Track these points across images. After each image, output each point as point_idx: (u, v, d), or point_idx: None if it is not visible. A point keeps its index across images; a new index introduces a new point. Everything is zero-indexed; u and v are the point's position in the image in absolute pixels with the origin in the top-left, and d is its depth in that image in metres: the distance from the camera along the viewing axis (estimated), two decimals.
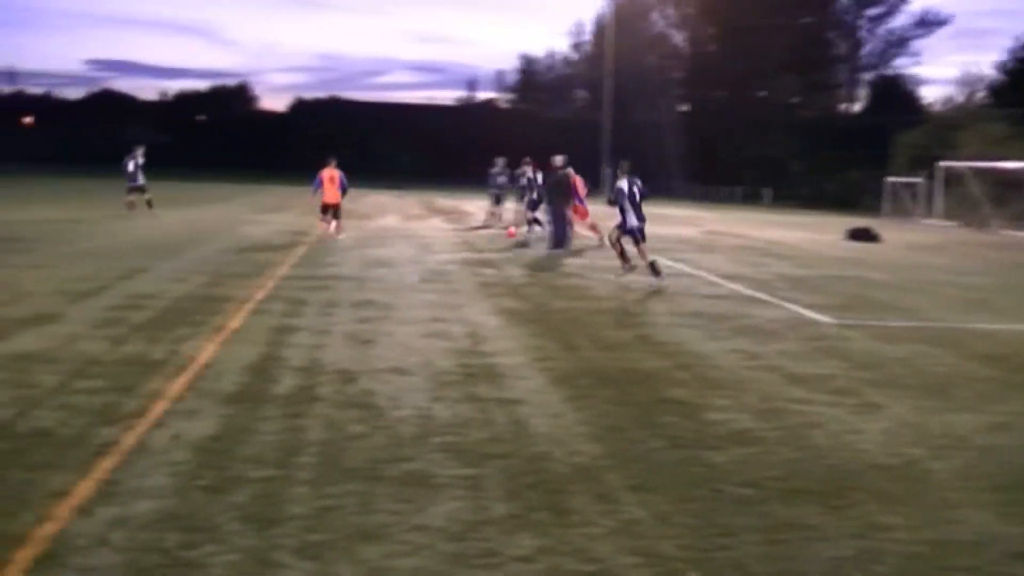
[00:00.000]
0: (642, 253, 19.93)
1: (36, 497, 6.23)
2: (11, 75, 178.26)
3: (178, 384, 9.46)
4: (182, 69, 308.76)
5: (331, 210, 28.87)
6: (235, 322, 13.07)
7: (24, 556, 5.37)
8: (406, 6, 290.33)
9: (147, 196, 35.33)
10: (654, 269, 19.50)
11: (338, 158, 29.11)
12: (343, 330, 12.86)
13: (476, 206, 36.82)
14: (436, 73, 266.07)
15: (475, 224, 36.17)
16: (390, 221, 36.94)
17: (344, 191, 28.87)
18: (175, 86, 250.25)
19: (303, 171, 41.94)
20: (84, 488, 6.43)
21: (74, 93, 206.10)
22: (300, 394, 9.28)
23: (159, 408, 8.56)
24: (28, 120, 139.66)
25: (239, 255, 22.31)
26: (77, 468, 6.83)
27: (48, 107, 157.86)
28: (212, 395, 9.10)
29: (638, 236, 19.89)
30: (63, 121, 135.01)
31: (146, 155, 36.56)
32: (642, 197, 20.20)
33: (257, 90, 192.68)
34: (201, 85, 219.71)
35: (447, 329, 13.26)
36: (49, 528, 5.75)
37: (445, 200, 58.20)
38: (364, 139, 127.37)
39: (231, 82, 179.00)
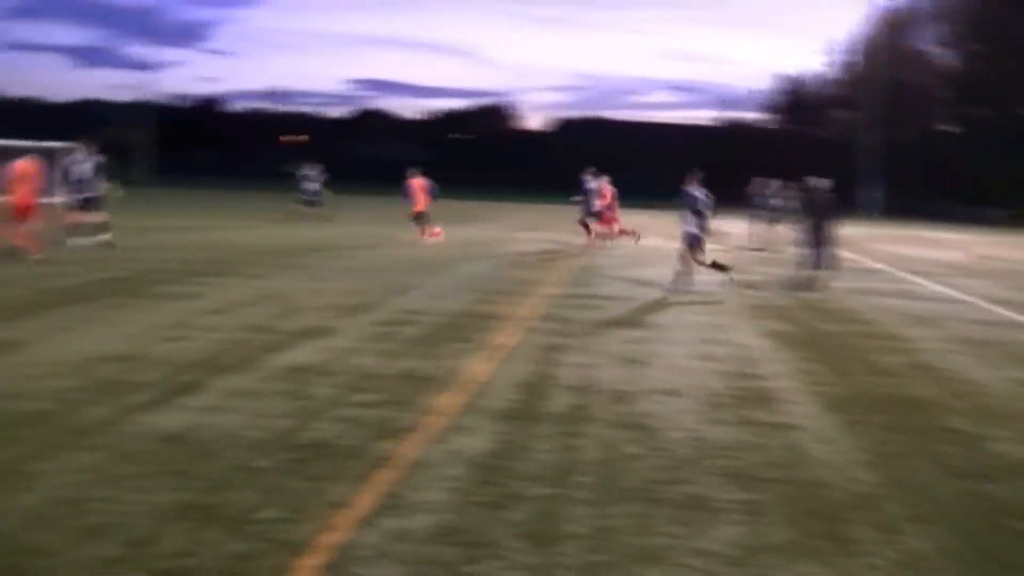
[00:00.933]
0: (686, 260, 20.24)
1: (318, 507, 6.43)
2: (279, 95, 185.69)
3: (452, 400, 9.63)
4: (443, 88, 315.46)
5: (422, 216, 31.79)
6: (505, 339, 13.25)
7: (307, 565, 5.55)
8: (664, 25, 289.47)
9: (314, 211, 38.31)
10: (684, 282, 19.88)
11: (422, 170, 32.74)
12: (613, 350, 12.89)
13: (736, 227, 36.28)
14: (693, 92, 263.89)
15: (737, 245, 35.70)
16: (652, 241, 36.78)
17: (434, 198, 32.17)
18: (436, 105, 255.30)
19: (564, 190, 42.15)
20: (365, 500, 6.61)
21: (338, 112, 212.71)
22: (573, 413, 9.34)
23: (434, 423, 8.73)
24: (296, 138, 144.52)
25: (505, 273, 22.61)
26: (357, 480, 7.03)
27: (313, 126, 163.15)
28: (486, 412, 9.23)
29: (695, 244, 20.24)
30: (327, 140, 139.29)
31: (324, 172, 40.14)
32: (708, 208, 20.46)
33: (517, 109, 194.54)
34: (462, 104, 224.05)
35: (717, 351, 13.16)
36: (332, 538, 5.92)
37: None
38: (622, 158, 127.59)
39: (491, 101, 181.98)
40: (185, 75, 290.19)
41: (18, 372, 9.99)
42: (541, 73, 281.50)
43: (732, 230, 36.18)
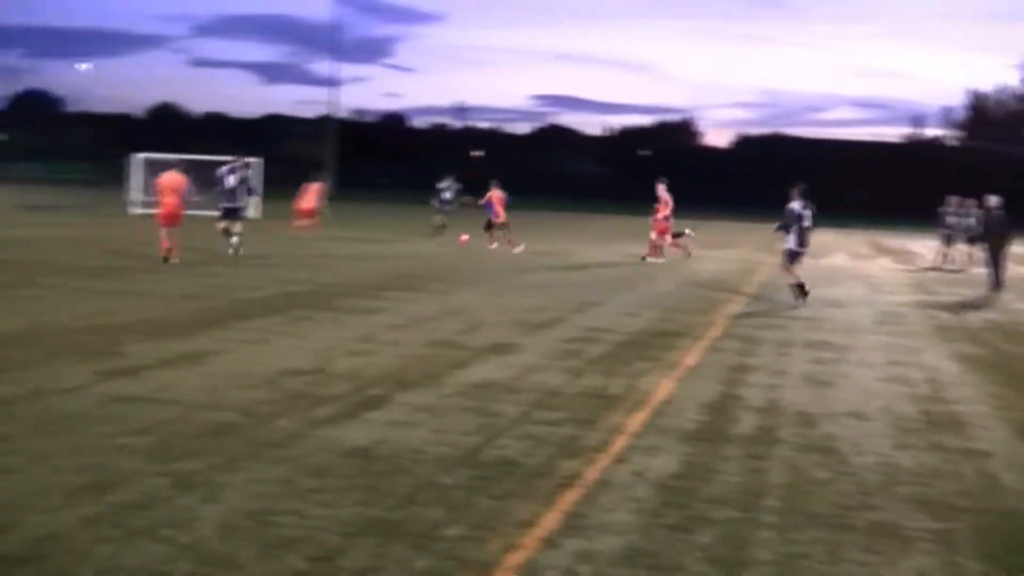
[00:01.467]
0: (790, 275, 20.80)
1: (503, 525, 6.41)
2: (461, 111, 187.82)
3: (637, 419, 9.56)
4: (625, 105, 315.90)
5: (504, 227, 33.63)
6: (690, 358, 13.14)
7: None
8: (849, 40, 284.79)
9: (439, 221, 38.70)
10: (802, 291, 20.30)
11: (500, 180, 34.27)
12: (800, 371, 12.69)
13: (924, 246, 35.53)
14: (880, 109, 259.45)
15: (924, 265, 34.91)
16: (838, 260, 36.19)
17: (506, 207, 34.05)
18: (618, 121, 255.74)
19: (748, 207, 41.84)
20: (550, 519, 6.57)
21: (520, 128, 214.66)
22: (760, 435, 9.20)
23: (620, 443, 8.67)
24: (477, 153, 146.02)
25: (690, 290, 22.45)
26: (542, 499, 6.99)
27: (496, 141, 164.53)
28: (672, 432, 9.15)
29: (793, 260, 20.65)
30: (510, 154, 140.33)
31: (457, 181, 40.21)
32: (811, 224, 20.60)
33: (700, 126, 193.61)
34: (644, 120, 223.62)
35: (905, 373, 12.85)
36: (517, 557, 5.89)
37: (891, 239, 56.51)
38: (807, 176, 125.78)
39: (674, 118, 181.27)
40: (369, 91, 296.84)
41: (208, 383, 10.22)
42: (723, 89, 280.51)
43: (919, 249, 35.44)
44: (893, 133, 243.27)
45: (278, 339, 13.19)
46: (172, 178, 24.06)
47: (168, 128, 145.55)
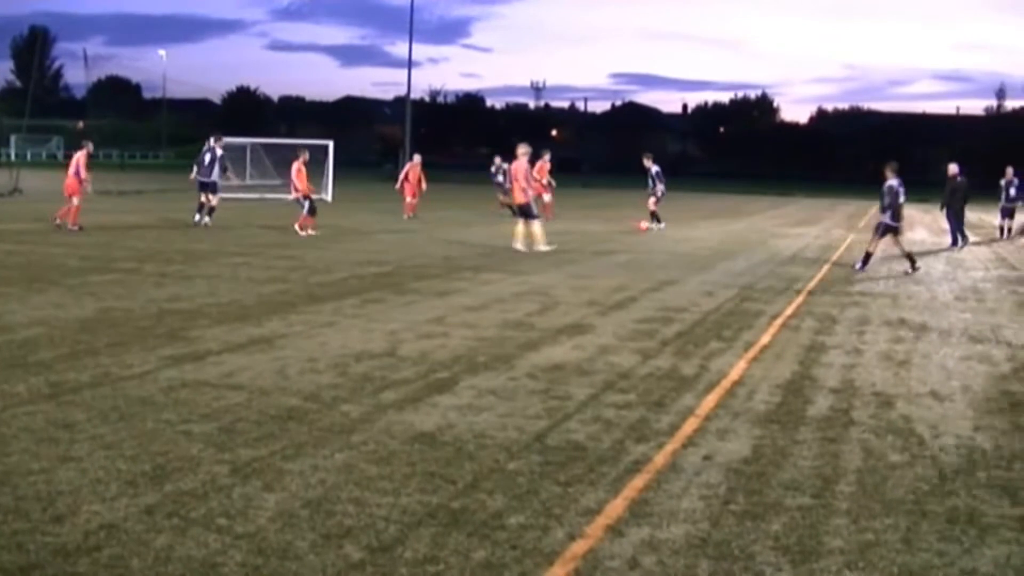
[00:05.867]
0: (877, 246, 22.72)
1: (568, 513, 6.26)
2: (538, 90, 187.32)
3: (709, 401, 9.39)
4: (704, 81, 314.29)
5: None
6: (765, 338, 12.92)
7: (554, 574, 5.40)
8: (932, 12, 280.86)
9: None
10: (912, 262, 22.12)
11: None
12: (877, 350, 12.42)
13: (1008, 221, 34.96)
14: (964, 82, 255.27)
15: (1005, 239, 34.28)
16: (919, 235, 35.63)
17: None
18: (697, 98, 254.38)
19: (829, 183, 41.30)
20: (615, 507, 6.41)
21: (599, 106, 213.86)
22: (835, 417, 8.98)
23: (690, 426, 8.50)
24: (554, 133, 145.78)
25: (768, 268, 22.15)
26: (609, 485, 6.84)
27: (575, 120, 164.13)
28: (744, 414, 8.96)
29: (888, 233, 22.36)
30: (589, 134, 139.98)
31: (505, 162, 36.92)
32: (904, 198, 22.41)
33: (780, 101, 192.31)
34: (723, 97, 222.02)
35: (986, 351, 12.55)
36: (580, 547, 5.75)
37: (972, 213, 55.26)
38: (890, 151, 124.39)
39: (754, 93, 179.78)
40: (447, 71, 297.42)
41: (276, 368, 10.16)
42: (807, 65, 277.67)
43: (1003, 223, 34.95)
44: (976, 106, 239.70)
45: (349, 322, 13.14)
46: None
47: (246, 112, 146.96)
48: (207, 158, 29.87)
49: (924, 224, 42.77)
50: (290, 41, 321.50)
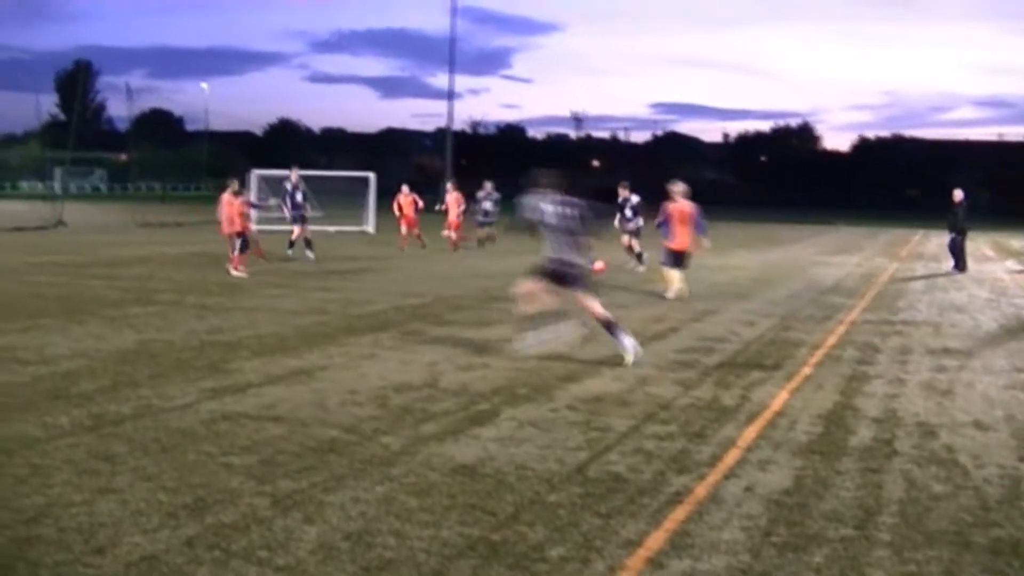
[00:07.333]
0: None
1: (609, 545, 6.25)
2: (579, 120, 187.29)
3: (750, 432, 9.34)
4: (744, 111, 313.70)
5: None
6: (807, 368, 12.84)
7: None
8: (971, 39, 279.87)
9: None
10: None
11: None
12: (919, 379, 12.33)
13: None
14: (1005, 108, 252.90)
15: None
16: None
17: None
18: (737, 127, 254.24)
19: (869, 211, 41.12)
20: (656, 539, 6.39)
21: (640, 136, 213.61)
22: (877, 447, 8.91)
23: (731, 457, 8.46)
24: (595, 163, 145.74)
25: (809, 298, 22.02)
26: (650, 517, 6.82)
27: (615, 150, 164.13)
28: (785, 445, 8.91)
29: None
30: (629, 164, 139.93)
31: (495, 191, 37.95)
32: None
33: (819, 129, 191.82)
34: (763, 126, 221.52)
35: None
36: None
37: (1016, 240, 54.99)
38: (930, 178, 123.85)
39: (793, 122, 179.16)
40: (488, 102, 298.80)
41: (315, 400, 10.19)
42: (843, 91, 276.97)
43: None
44: (1017, 132, 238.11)
45: (388, 354, 13.15)
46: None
47: (287, 144, 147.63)
48: (298, 193, 30.65)
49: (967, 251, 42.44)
50: (330, 73, 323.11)
